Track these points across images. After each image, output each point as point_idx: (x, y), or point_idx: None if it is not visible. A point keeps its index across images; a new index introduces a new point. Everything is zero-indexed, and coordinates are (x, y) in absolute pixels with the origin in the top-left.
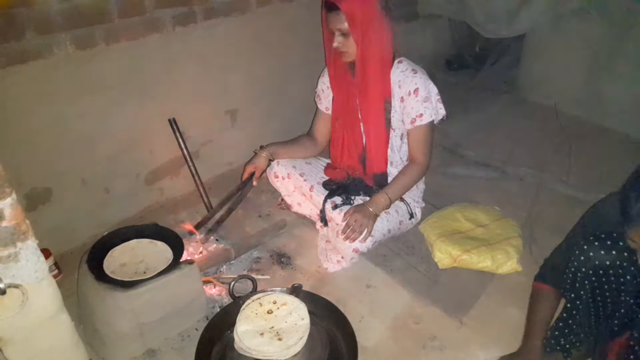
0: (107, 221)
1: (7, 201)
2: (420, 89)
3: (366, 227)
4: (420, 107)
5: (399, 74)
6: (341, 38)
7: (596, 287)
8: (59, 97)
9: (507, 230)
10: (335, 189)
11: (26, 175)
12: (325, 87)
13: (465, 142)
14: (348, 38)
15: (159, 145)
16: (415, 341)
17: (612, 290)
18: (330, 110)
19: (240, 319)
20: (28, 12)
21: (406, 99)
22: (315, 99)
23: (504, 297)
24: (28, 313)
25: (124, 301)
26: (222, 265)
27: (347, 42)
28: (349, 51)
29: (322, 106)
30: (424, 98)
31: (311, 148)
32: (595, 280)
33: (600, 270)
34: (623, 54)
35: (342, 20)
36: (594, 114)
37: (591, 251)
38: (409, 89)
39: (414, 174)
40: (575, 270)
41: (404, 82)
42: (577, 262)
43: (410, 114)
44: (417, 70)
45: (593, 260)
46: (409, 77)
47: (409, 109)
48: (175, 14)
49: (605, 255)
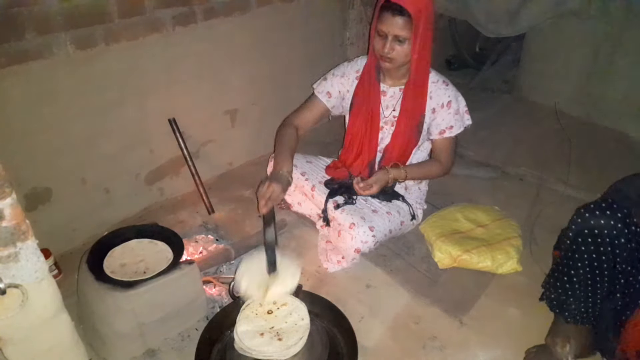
0: (107, 221)
1: (7, 201)
2: (453, 102)
3: (377, 182)
4: (452, 119)
5: (430, 85)
6: (396, 44)
7: (592, 250)
8: (59, 97)
9: (507, 230)
10: (337, 189)
11: (26, 175)
12: (344, 90)
13: (465, 142)
14: (403, 45)
15: (159, 145)
16: (415, 341)
17: (607, 255)
18: (335, 109)
19: (240, 319)
20: (28, 12)
21: (438, 111)
22: (320, 94)
23: (504, 297)
24: (28, 313)
25: (124, 301)
26: (222, 265)
27: (401, 49)
28: (397, 59)
29: (330, 104)
30: (455, 111)
31: (296, 141)
32: (591, 242)
33: (596, 233)
34: (623, 54)
35: (405, 26)
36: (594, 114)
37: (590, 216)
38: (441, 101)
39: (435, 169)
40: (573, 233)
41: (435, 94)
42: (574, 225)
43: (440, 125)
44: (447, 82)
45: (590, 224)
46: (441, 89)
47: (440, 120)
48: (175, 14)
49: (603, 221)
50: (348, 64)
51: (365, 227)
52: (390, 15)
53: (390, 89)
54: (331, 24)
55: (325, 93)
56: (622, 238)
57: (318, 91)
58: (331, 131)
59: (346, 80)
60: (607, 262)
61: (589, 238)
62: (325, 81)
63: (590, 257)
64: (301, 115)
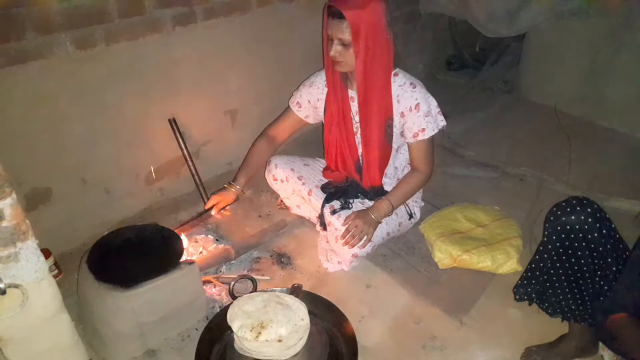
0: (107, 221)
1: (7, 201)
2: (422, 104)
3: (366, 234)
4: (423, 121)
5: (396, 89)
6: (340, 47)
7: (567, 246)
8: (59, 97)
9: (507, 230)
10: (333, 193)
11: (26, 175)
12: (314, 99)
13: (465, 142)
14: (348, 49)
15: (159, 145)
16: (415, 341)
17: (582, 250)
18: (309, 119)
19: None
20: (28, 12)
21: (407, 114)
22: (292, 105)
23: (504, 297)
24: (28, 313)
25: (124, 301)
26: (222, 265)
27: (346, 53)
28: (346, 62)
29: (302, 114)
30: (425, 113)
31: (267, 152)
32: (564, 238)
33: (568, 229)
34: (623, 54)
35: (345, 30)
36: (594, 114)
37: (561, 213)
38: (409, 104)
39: (417, 181)
40: (547, 231)
41: (403, 97)
42: (547, 223)
43: (412, 128)
44: (415, 84)
45: (562, 221)
46: (408, 91)
47: (411, 124)
48: (175, 14)
49: (574, 217)
50: (318, 73)
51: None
52: (332, 18)
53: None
54: None
55: (295, 103)
56: (594, 233)
57: (290, 102)
58: None
59: (315, 89)
60: (583, 258)
61: (562, 234)
62: (296, 91)
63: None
64: (276, 126)
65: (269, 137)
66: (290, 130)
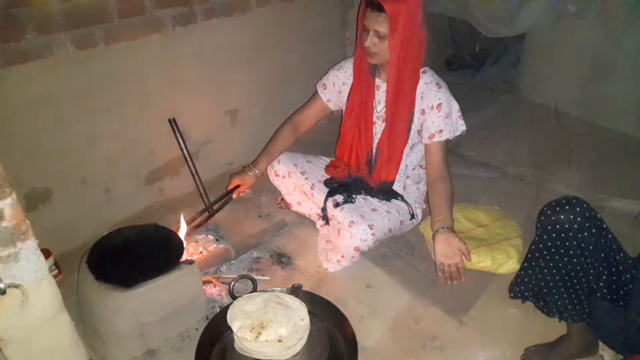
0: (107, 221)
1: (7, 201)
2: (443, 105)
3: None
4: (441, 123)
5: (422, 85)
6: (376, 39)
7: (558, 245)
8: (59, 97)
9: (507, 230)
10: (336, 187)
11: (26, 175)
12: (340, 83)
13: (465, 142)
14: (383, 41)
15: (159, 145)
16: (415, 341)
17: (574, 249)
18: (331, 103)
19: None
20: (28, 12)
21: (427, 112)
22: (318, 87)
23: (504, 297)
24: (28, 313)
25: (124, 301)
26: (222, 265)
27: (381, 45)
28: (380, 53)
29: (325, 97)
30: (445, 114)
31: (291, 139)
32: (555, 237)
33: (558, 228)
34: (623, 54)
35: (383, 22)
36: (594, 114)
37: (551, 212)
38: (431, 102)
39: (448, 187)
40: (538, 230)
41: (427, 95)
42: (538, 222)
43: (430, 128)
44: (441, 85)
45: (552, 220)
46: (433, 90)
47: (429, 122)
48: (175, 14)
49: (563, 216)
50: (349, 59)
51: (364, 225)
52: (370, 10)
53: (383, 84)
54: (331, 24)
55: (322, 85)
56: (584, 232)
57: (317, 85)
58: (331, 131)
59: (342, 73)
60: (575, 257)
61: (552, 233)
62: (325, 75)
63: (558, 252)
64: (302, 112)
65: (293, 123)
66: (314, 118)
